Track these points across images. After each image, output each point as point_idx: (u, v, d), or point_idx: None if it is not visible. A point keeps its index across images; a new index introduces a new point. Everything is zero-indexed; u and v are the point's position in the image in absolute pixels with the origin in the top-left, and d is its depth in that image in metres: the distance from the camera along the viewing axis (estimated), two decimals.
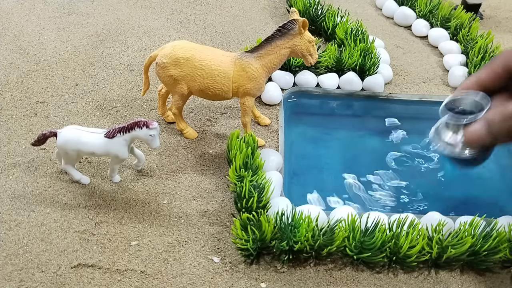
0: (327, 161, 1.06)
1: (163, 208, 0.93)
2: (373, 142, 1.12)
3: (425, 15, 1.49)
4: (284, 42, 0.95)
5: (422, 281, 0.84)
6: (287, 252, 0.83)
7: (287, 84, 1.21)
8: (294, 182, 1.01)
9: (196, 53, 0.96)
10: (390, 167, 1.05)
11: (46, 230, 0.88)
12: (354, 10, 1.58)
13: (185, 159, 1.03)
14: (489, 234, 0.85)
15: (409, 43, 1.44)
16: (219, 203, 0.94)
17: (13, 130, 1.07)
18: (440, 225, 0.85)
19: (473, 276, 0.85)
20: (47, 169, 0.98)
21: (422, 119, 1.20)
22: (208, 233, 0.89)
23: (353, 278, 0.84)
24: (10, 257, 0.83)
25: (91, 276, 0.81)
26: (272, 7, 1.57)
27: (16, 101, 1.14)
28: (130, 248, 0.86)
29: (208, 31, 1.42)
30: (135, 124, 0.88)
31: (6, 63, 1.26)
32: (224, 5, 1.56)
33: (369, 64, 1.20)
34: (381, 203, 0.97)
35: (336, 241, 0.82)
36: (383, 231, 0.84)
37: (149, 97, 1.17)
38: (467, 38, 1.35)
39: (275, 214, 0.85)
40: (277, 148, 1.05)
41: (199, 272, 0.83)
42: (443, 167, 1.06)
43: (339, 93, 1.21)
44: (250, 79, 0.96)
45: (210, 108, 1.16)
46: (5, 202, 0.92)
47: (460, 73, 1.26)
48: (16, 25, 1.40)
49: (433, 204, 0.97)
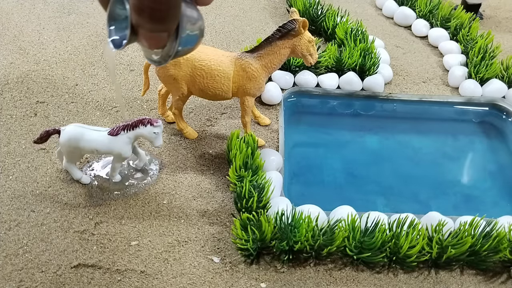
0: (327, 161, 1.06)
1: (163, 208, 0.93)
2: (373, 142, 1.12)
3: (425, 15, 1.49)
4: (284, 42, 0.95)
5: (422, 281, 0.84)
6: (287, 252, 0.83)
7: (287, 84, 1.21)
8: (294, 182, 1.01)
9: (196, 53, 0.96)
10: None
11: (46, 230, 0.88)
12: (354, 10, 1.58)
13: (185, 159, 1.03)
14: (489, 234, 0.85)
15: (409, 43, 1.44)
16: (219, 203, 0.94)
17: (13, 130, 1.07)
18: (440, 225, 0.85)
19: (473, 276, 0.85)
20: (47, 169, 0.98)
21: (422, 119, 1.21)
22: (208, 233, 0.89)
23: (353, 278, 0.84)
24: (10, 257, 0.83)
25: (91, 276, 0.81)
26: (272, 7, 1.57)
27: (16, 101, 1.14)
28: (130, 248, 0.86)
29: (208, 31, 1.42)
30: (139, 122, 0.88)
31: (6, 63, 1.26)
32: (224, 5, 1.56)
33: (369, 64, 1.20)
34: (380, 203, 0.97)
35: (336, 241, 0.82)
36: (383, 231, 0.84)
37: (149, 97, 1.17)
38: (467, 38, 1.35)
39: (275, 214, 0.85)
40: (277, 148, 1.05)
41: (199, 272, 0.83)
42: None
43: (339, 93, 1.21)
44: (250, 79, 0.96)
45: (210, 108, 1.16)
46: (5, 202, 0.92)
47: (460, 73, 1.26)
48: (16, 25, 1.40)
49: (434, 204, 0.98)
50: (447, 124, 1.21)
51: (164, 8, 0.34)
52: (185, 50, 0.40)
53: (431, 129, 1.19)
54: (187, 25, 0.38)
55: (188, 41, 0.39)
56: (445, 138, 1.15)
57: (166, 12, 0.35)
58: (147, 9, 0.34)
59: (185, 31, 0.38)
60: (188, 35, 0.38)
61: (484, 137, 1.15)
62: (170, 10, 0.35)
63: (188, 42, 0.39)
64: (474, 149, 1.13)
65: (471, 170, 1.08)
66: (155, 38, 0.37)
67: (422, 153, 1.10)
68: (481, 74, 1.23)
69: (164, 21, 0.36)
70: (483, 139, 1.15)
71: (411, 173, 1.05)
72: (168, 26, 0.36)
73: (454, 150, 1.12)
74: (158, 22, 0.35)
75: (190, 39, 0.39)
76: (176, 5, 0.35)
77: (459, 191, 1.02)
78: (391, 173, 1.05)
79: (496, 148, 1.13)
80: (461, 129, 1.19)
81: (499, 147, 1.13)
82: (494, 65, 1.24)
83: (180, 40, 0.38)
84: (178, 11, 0.36)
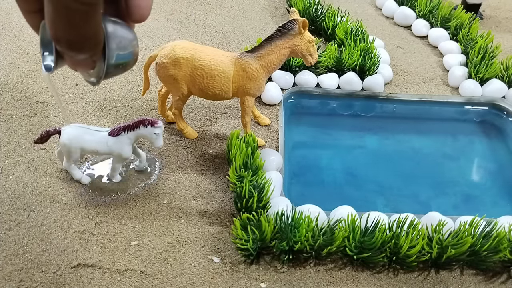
0: (327, 161, 1.06)
1: (163, 208, 0.93)
2: (373, 142, 1.12)
3: (425, 15, 1.49)
4: (284, 42, 0.95)
5: (422, 281, 0.84)
6: (287, 252, 0.83)
7: (287, 84, 1.21)
8: (294, 182, 1.01)
9: (196, 53, 0.96)
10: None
11: (46, 230, 0.88)
12: (354, 10, 1.58)
13: (185, 159, 1.03)
14: (489, 234, 0.85)
15: (409, 43, 1.44)
16: (219, 203, 0.94)
17: (13, 130, 1.07)
18: (440, 225, 0.85)
19: (473, 276, 0.85)
20: (47, 169, 0.98)
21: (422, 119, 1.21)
22: (208, 233, 0.89)
23: (353, 278, 0.84)
24: (10, 257, 0.83)
25: (91, 276, 0.81)
26: (272, 7, 1.57)
27: (16, 101, 1.14)
28: (130, 248, 0.86)
29: (208, 31, 1.42)
30: (140, 123, 0.88)
31: (6, 63, 1.26)
32: (224, 5, 1.56)
33: (369, 64, 1.20)
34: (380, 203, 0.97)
35: (336, 241, 0.82)
36: (383, 231, 0.84)
37: (149, 97, 1.17)
38: (467, 38, 1.35)
39: (275, 214, 0.85)
40: (277, 148, 1.05)
41: (199, 272, 0.83)
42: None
43: (339, 93, 1.21)
44: (250, 79, 0.96)
45: (210, 108, 1.16)
46: (5, 202, 0.92)
47: (460, 73, 1.26)
48: (16, 25, 1.40)
49: (434, 204, 0.98)
50: (447, 124, 1.21)
51: (80, 39, 0.33)
52: (118, 70, 0.39)
53: (431, 129, 1.19)
54: (115, 46, 0.37)
55: (119, 59, 0.38)
56: (445, 138, 1.15)
57: (83, 42, 0.34)
58: (62, 40, 0.33)
59: (113, 52, 0.37)
60: (118, 55, 0.37)
61: (484, 137, 1.15)
62: (87, 40, 0.34)
63: (120, 61, 0.38)
64: (474, 149, 1.13)
65: (471, 170, 1.08)
66: (80, 63, 0.36)
67: (422, 153, 1.10)
68: (481, 74, 1.23)
69: (83, 50, 0.34)
70: (483, 139, 1.15)
71: (411, 173, 1.05)
72: (89, 54, 0.35)
73: (454, 150, 1.12)
74: (77, 51, 0.34)
75: (121, 58, 0.38)
76: (94, 34, 0.34)
77: (459, 191, 1.02)
78: (391, 173, 1.04)
79: (496, 148, 1.13)
80: (461, 129, 1.19)
81: (499, 147, 1.13)
82: (494, 65, 1.24)
83: (108, 62, 0.37)
84: (98, 39, 0.34)
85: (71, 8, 0.31)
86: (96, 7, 0.32)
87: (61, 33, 0.33)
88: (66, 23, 0.32)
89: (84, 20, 0.32)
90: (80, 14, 0.31)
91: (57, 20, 0.32)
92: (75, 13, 0.31)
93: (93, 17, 0.32)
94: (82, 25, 0.32)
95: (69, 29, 0.32)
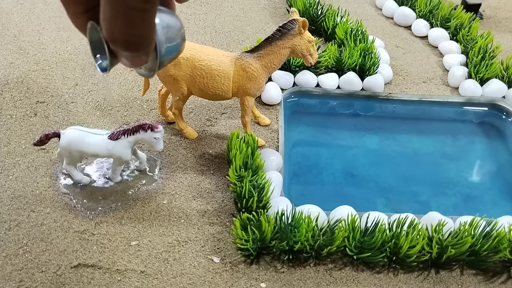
0: (327, 161, 1.06)
1: (163, 208, 0.93)
2: (373, 142, 1.12)
3: (425, 15, 1.49)
4: (284, 42, 0.95)
5: (422, 281, 0.84)
6: (287, 252, 0.83)
7: (287, 84, 1.21)
8: (294, 182, 1.01)
9: (196, 53, 0.96)
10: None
11: (46, 230, 0.88)
12: (354, 10, 1.58)
13: (185, 159, 1.03)
14: (489, 234, 0.85)
15: (409, 43, 1.44)
16: (219, 203, 0.94)
17: (13, 130, 1.07)
18: (440, 225, 0.85)
19: (473, 276, 0.85)
20: (47, 169, 0.98)
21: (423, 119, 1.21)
22: (208, 233, 0.89)
23: (353, 278, 0.84)
24: (10, 257, 0.83)
25: (91, 276, 0.81)
26: (272, 7, 1.57)
27: (16, 101, 1.14)
28: (130, 248, 0.86)
29: (208, 31, 1.42)
30: (139, 127, 0.88)
31: (6, 63, 1.26)
32: (224, 5, 1.56)
33: (369, 64, 1.20)
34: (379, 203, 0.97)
35: (336, 241, 0.82)
36: (383, 231, 0.84)
37: (149, 97, 1.17)
38: (467, 38, 1.35)
39: (275, 214, 0.85)
40: (277, 148, 1.05)
41: (199, 272, 0.83)
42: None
43: (339, 93, 1.21)
44: (250, 79, 0.96)
45: (210, 108, 1.16)
46: (5, 202, 0.92)
47: (460, 73, 1.26)
48: (16, 25, 1.40)
49: (434, 204, 0.98)
50: (447, 124, 1.21)
51: (137, 39, 0.33)
52: (169, 59, 0.39)
53: (431, 129, 1.19)
54: (166, 39, 0.37)
55: (169, 51, 0.38)
56: (445, 138, 1.15)
57: (139, 41, 0.33)
58: (119, 40, 0.33)
59: (164, 45, 0.37)
60: (168, 47, 0.38)
61: (484, 137, 1.15)
62: (144, 38, 0.33)
63: (170, 52, 0.38)
64: (474, 149, 1.13)
65: (471, 170, 1.08)
66: (135, 60, 0.36)
67: (422, 153, 1.10)
68: (481, 74, 1.23)
69: (139, 48, 0.34)
70: (483, 139, 1.15)
71: (411, 173, 1.05)
72: (144, 51, 0.35)
73: (454, 150, 1.12)
74: (134, 51, 0.34)
75: (172, 49, 0.38)
76: (149, 32, 0.34)
77: (459, 191, 1.02)
78: (391, 173, 1.04)
79: (496, 148, 1.13)
80: (461, 129, 1.19)
81: (499, 147, 1.13)
82: (494, 65, 1.24)
83: (160, 55, 0.37)
84: (152, 36, 0.34)
85: (131, 6, 0.30)
86: (155, 6, 0.31)
87: (118, 34, 0.32)
88: (124, 23, 0.31)
89: (142, 19, 0.31)
90: (140, 13, 0.31)
91: (115, 20, 0.31)
92: (135, 12, 0.30)
93: (151, 16, 0.32)
94: (140, 24, 0.32)
95: (127, 29, 0.32)
